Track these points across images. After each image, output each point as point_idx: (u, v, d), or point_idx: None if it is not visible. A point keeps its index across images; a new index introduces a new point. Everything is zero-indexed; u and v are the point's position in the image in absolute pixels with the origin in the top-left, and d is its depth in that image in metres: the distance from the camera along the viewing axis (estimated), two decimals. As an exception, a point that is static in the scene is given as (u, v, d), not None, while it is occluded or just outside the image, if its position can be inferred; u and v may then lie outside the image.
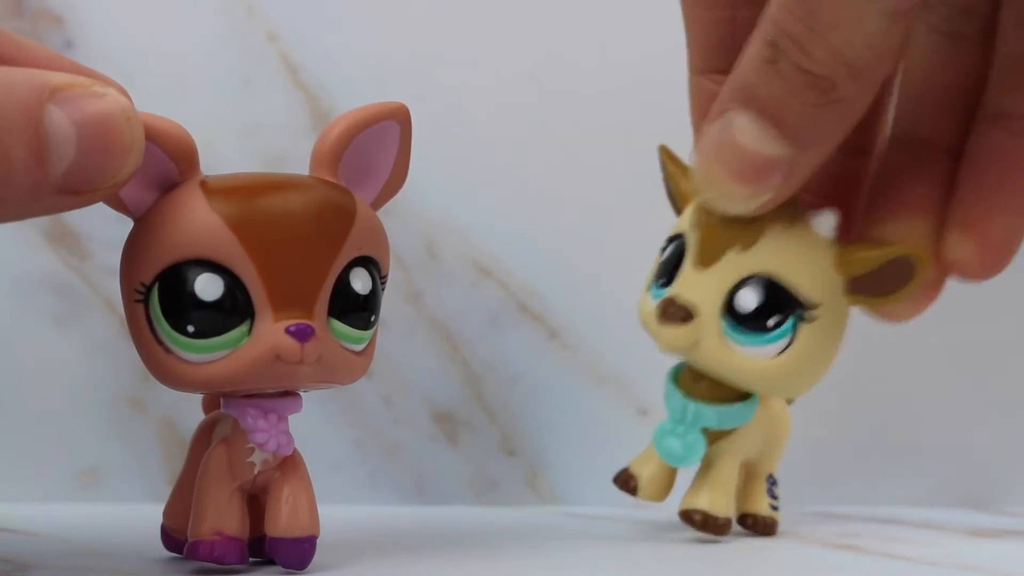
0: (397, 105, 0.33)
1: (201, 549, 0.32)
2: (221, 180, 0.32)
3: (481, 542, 0.39)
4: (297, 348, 0.31)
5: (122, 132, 0.28)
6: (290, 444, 0.33)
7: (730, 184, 0.34)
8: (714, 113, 0.34)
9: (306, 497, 0.33)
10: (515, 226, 0.48)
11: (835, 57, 0.31)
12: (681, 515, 0.38)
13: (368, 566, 0.34)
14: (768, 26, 0.32)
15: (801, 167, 0.33)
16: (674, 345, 0.36)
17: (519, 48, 0.48)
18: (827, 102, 0.32)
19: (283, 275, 0.31)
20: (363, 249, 0.32)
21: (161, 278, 0.31)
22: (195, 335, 0.31)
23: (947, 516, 0.46)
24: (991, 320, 0.49)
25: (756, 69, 0.32)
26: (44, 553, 0.36)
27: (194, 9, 0.47)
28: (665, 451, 0.38)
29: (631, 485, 0.39)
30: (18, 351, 0.47)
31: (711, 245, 0.35)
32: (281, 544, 0.32)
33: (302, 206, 0.31)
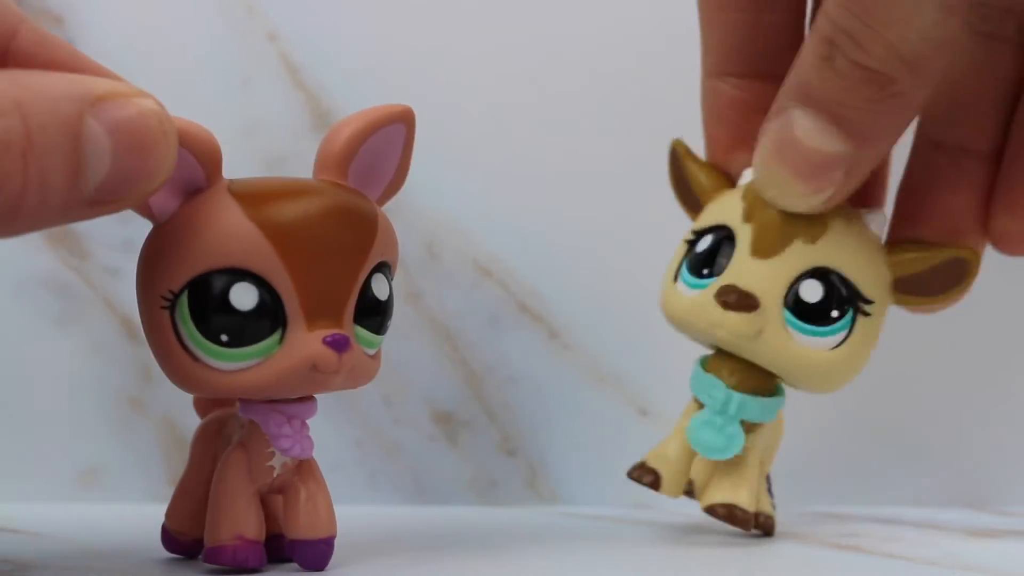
0: (404, 108, 0.33)
1: (223, 554, 0.32)
2: (249, 186, 0.31)
3: (481, 542, 0.39)
4: (335, 359, 0.31)
5: (157, 143, 0.28)
6: (311, 448, 0.33)
7: (792, 182, 0.34)
8: (774, 111, 0.34)
9: (323, 498, 0.33)
10: (515, 226, 0.48)
11: (891, 52, 0.31)
12: (719, 509, 0.37)
13: (368, 566, 0.34)
14: (824, 23, 0.32)
15: (862, 163, 0.33)
16: (738, 332, 0.35)
17: (519, 48, 0.48)
18: (885, 97, 0.32)
19: (317, 285, 0.31)
20: (384, 254, 0.32)
21: (192, 286, 0.31)
22: (228, 344, 0.31)
23: (947, 516, 0.46)
24: (991, 320, 0.49)
25: (813, 67, 0.33)
26: (44, 553, 0.36)
27: (194, 9, 0.47)
28: (703, 443, 0.37)
29: (650, 480, 0.38)
30: (18, 351, 0.47)
31: (774, 236, 0.35)
32: (301, 546, 0.33)
33: (333, 214, 0.31)
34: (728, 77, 0.38)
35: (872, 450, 0.49)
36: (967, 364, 0.49)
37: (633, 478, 0.38)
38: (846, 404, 0.47)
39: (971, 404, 0.49)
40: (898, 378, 0.49)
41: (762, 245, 0.35)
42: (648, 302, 0.40)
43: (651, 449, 0.39)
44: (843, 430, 0.48)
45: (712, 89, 0.39)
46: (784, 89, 0.34)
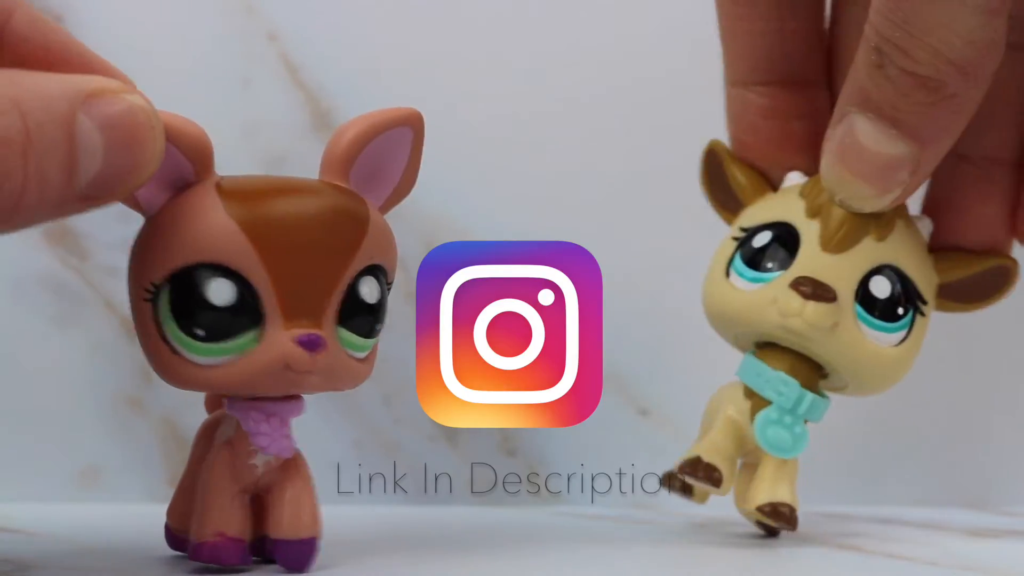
0: (411, 111, 0.33)
1: (204, 551, 0.32)
2: (237, 183, 0.31)
3: (481, 542, 0.39)
4: (307, 358, 0.31)
5: (145, 139, 0.28)
6: (291, 447, 0.33)
7: (859, 184, 0.35)
8: (835, 118, 0.35)
9: (308, 499, 0.33)
10: (515, 226, 0.48)
11: (938, 57, 0.32)
12: (767, 509, 0.36)
13: (368, 566, 0.34)
14: (870, 32, 0.33)
15: (925, 162, 0.34)
16: (818, 322, 0.35)
17: (519, 48, 0.48)
18: (939, 100, 0.33)
19: (296, 283, 0.31)
20: (374, 258, 0.32)
21: (172, 279, 0.31)
22: (204, 339, 0.31)
23: (947, 516, 0.46)
24: (991, 320, 0.49)
25: (867, 74, 0.33)
26: (44, 553, 0.36)
27: (194, 9, 0.47)
28: (773, 442, 0.37)
29: (714, 476, 0.36)
30: (18, 351, 0.47)
31: (846, 231, 0.36)
32: (283, 546, 0.32)
33: (318, 214, 0.31)
34: (754, 86, 0.38)
35: (872, 450, 0.49)
36: (967, 364, 0.49)
37: (692, 474, 0.37)
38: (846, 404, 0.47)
39: (971, 404, 0.49)
40: (898, 378, 0.49)
41: (834, 240, 0.36)
42: (648, 302, 0.40)
43: (696, 444, 0.37)
44: (843, 430, 0.48)
45: (738, 98, 0.39)
46: (843, 96, 0.35)
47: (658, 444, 0.47)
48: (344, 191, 0.32)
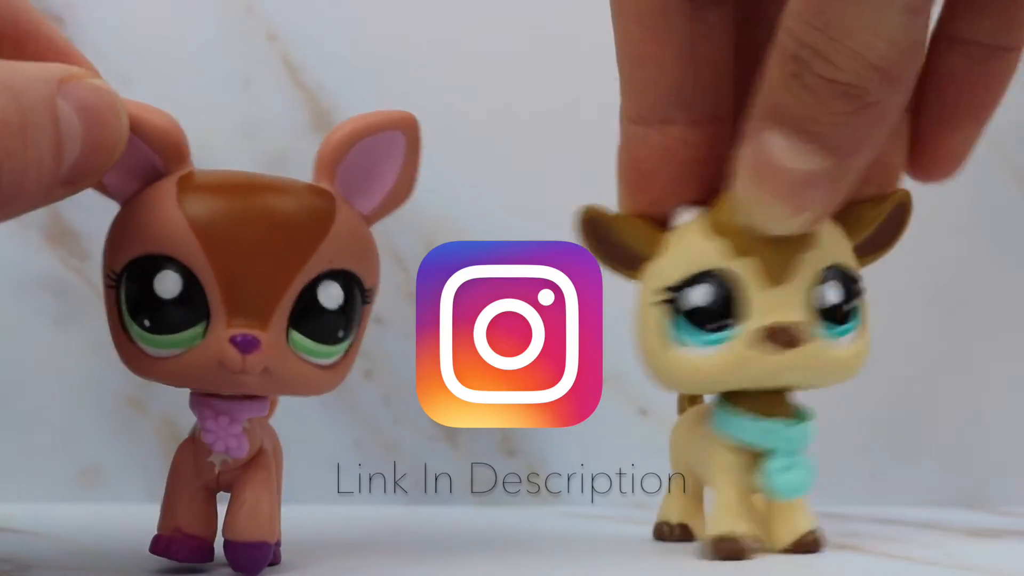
0: (404, 115, 0.32)
1: (158, 544, 0.32)
2: (202, 177, 0.31)
3: (481, 542, 0.39)
4: (239, 358, 0.30)
5: (112, 121, 0.29)
6: (242, 448, 0.32)
7: (775, 205, 0.33)
8: (747, 136, 0.33)
9: (266, 501, 0.32)
10: (515, 226, 0.48)
11: (859, 61, 0.30)
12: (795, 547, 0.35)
13: (368, 566, 0.34)
14: (787, 39, 0.31)
15: (844, 177, 0.32)
16: (810, 365, 0.34)
17: (520, 49, 0.48)
18: (860, 109, 0.31)
19: (241, 281, 0.30)
20: (336, 262, 0.31)
21: (128, 268, 0.31)
22: (151, 330, 0.31)
23: (947, 516, 0.46)
24: (991, 320, 0.49)
25: (782, 86, 0.31)
26: (44, 553, 0.36)
27: (194, 9, 0.47)
28: (791, 487, 0.35)
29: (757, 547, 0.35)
30: (18, 351, 0.47)
31: (781, 259, 0.34)
32: (234, 547, 0.32)
33: (270, 213, 0.31)
34: (658, 124, 0.35)
35: (872, 450, 0.49)
36: (967, 365, 0.49)
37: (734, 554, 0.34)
38: (846, 404, 0.47)
39: (971, 404, 0.49)
40: (898, 378, 0.49)
41: (776, 272, 0.34)
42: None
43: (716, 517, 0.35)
44: (843, 430, 0.48)
45: (637, 137, 0.35)
46: (754, 112, 0.32)
47: (658, 444, 0.47)
48: (313, 191, 0.32)
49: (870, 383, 0.48)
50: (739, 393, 0.35)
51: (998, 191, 0.49)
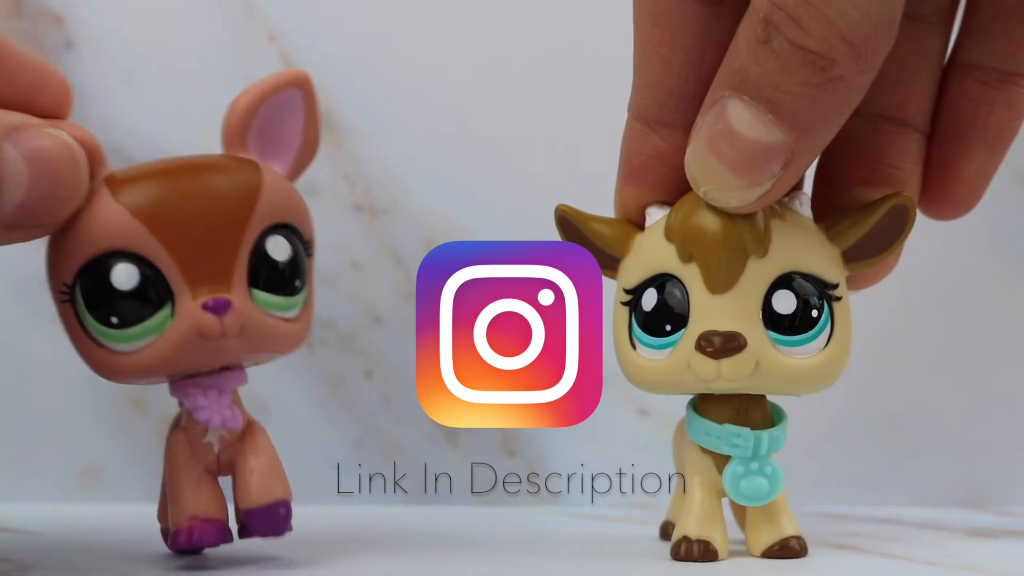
0: (297, 72, 0.34)
1: (180, 537, 0.33)
2: (126, 172, 0.32)
3: (481, 542, 0.39)
4: (216, 322, 0.31)
5: (69, 173, 0.30)
6: (236, 417, 0.33)
7: (728, 175, 0.32)
8: (707, 103, 0.32)
9: (270, 463, 0.33)
10: (515, 226, 0.48)
11: (831, 30, 0.30)
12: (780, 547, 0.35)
13: (368, 566, 0.34)
14: (760, 3, 0.31)
15: (801, 154, 0.32)
16: (739, 375, 0.34)
17: (520, 49, 0.48)
18: (824, 81, 0.31)
19: (194, 253, 0.31)
20: (276, 217, 0.33)
21: (80, 275, 0.31)
22: (119, 325, 0.31)
23: (947, 516, 0.46)
24: (991, 320, 0.49)
25: (749, 51, 0.31)
26: (44, 553, 0.36)
27: (194, 9, 0.47)
28: (750, 494, 0.35)
29: (711, 550, 0.35)
30: (18, 351, 0.47)
31: (726, 266, 0.33)
32: (255, 514, 0.33)
33: (203, 184, 0.32)
34: (658, 126, 0.35)
35: (872, 450, 0.49)
36: (967, 364, 0.49)
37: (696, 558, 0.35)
38: (846, 404, 0.47)
39: (971, 404, 0.49)
40: (898, 378, 0.49)
41: (719, 280, 0.34)
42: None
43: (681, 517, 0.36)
44: (843, 430, 0.48)
45: (638, 134, 0.35)
46: (718, 78, 0.32)
47: (658, 444, 0.47)
48: (233, 159, 0.33)
49: (870, 383, 0.48)
50: (705, 396, 0.35)
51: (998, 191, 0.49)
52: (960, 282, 0.49)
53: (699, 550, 0.35)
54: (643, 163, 0.35)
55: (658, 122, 0.35)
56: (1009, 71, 0.36)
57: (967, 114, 0.36)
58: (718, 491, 0.35)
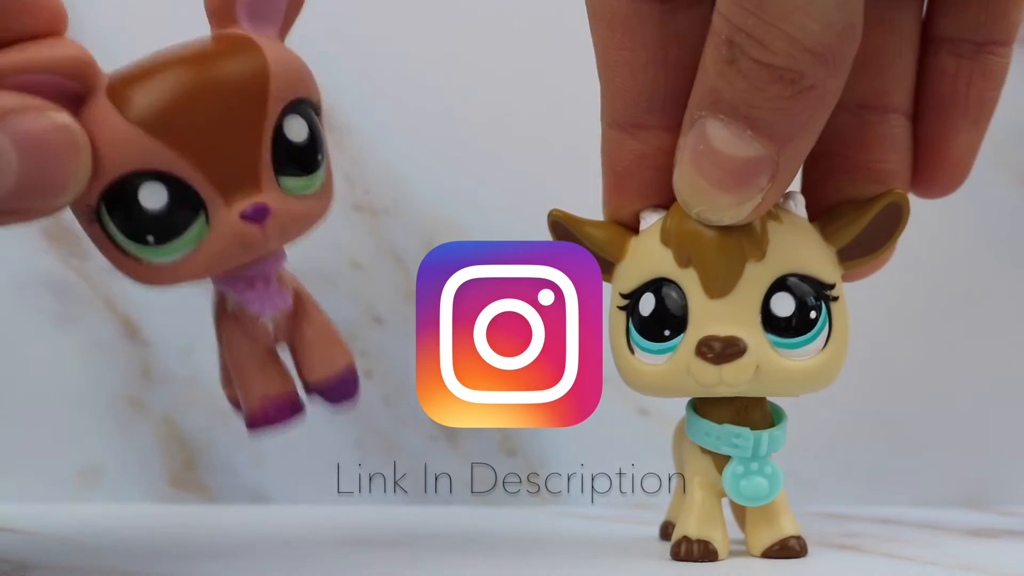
0: None
1: (257, 419, 0.33)
2: (124, 80, 0.31)
3: (481, 542, 0.39)
4: (258, 231, 0.31)
5: (66, 157, 0.29)
6: (286, 299, 0.33)
7: (717, 194, 0.32)
8: (686, 125, 0.32)
9: (329, 332, 0.34)
10: (515, 226, 0.48)
11: (794, 45, 0.30)
12: (780, 547, 0.35)
13: (368, 566, 0.34)
14: (720, 24, 0.31)
15: (786, 163, 0.32)
16: (740, 380, 0.34)
17: (520, 49, 0.48)
18: (797, 93, 0.30)
19: (219, 159, 0.31)
20: (287, 96, 0.32)
21: (104, 197, 0.31)
22: (156, 243, 0.31)
23: (947, 516, 0.46)
24: (991, 320, 0.49)
25: (717, 72, 0.31)
26: (44, 553, 0.36)
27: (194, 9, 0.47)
28: (751, 494, 0.35)
29: (711, 550, 0.35)
30: (18, 351, 0.47)
31: (724, 270, 0.34)
32: (323, 386, 0.33)
33: (212, 83, 0.31)
34: (633, 129, 0.35)
35: (872, 450, 0.49)
36: (967, 365, 0.49)
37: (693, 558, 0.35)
38: (846, 404, 0.47)
39: (971, 404, 0.49)
40: (898, 378, 0.49)
41: (717, 284, 0.33)
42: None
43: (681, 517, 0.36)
44: (843, 430, 0.48)
45: (614, 140, 0.35)
46: (692, 99, 0.32)
47: (658, 444, 0.47)
48: (231, 43, 0.32)
49: (870, 383, 0.48)
50: (705, 397, 0.35)
51: (998, 191, 0.49)
52: (960, 282, 0.49)
53: (699, 550, 0.35)
54: (626, 169, 0.35)
55: (633, 126, 0.35)
56: (983, 40, 0.35)
57: (945, 90, 0.35)
58: (718, 491, 0.35)
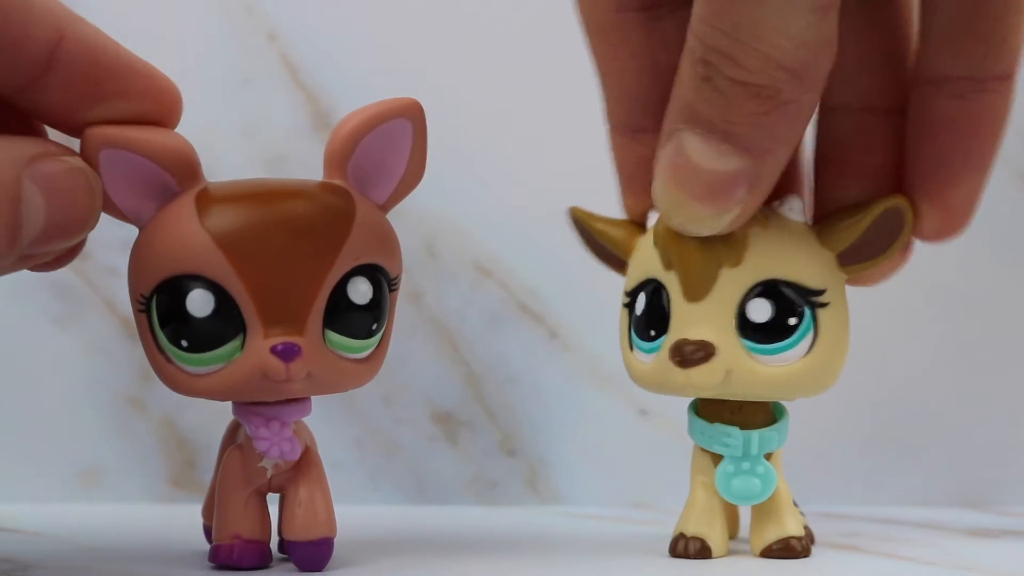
0: (409, 102, 0.32)
1: (220, 553, 0.33)
2: (218, 191, 0.31)
3: (481, 542, 0.39)
4: (282, 368, 0.30)
5: (83, 201, 0.29)
6: (295, 449, 0.32)
7: (695, 206, 0.32)
8: (664, 136, 0.32)
9: (321, 498, 0.33)
10: (515, 226, 0.48)
11: (768, 63, 0.30)
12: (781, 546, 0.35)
13: (368, 566, 0.34)
14: (695, 44, 0.31)
15: (763, 175, 0.32)
16: (708, 384, 0.34)
17: (520, 48, 0.48)
18: (772, 108, 0.31)
19: (273, 291, 0.30)
20: (362, 258, 0.31)
21: (157, 291, 0.31)
22: (188, 349, 0.31)
23: (947, 516, 0.46)
24: (991, 320, 0.49)
25: (694, 88, 0.31)
26: (44, 553, 0.36)
27: (194, 9, 0.47)
28: (740, 493, 0.35)
29: (706, 547, 0.35)
30: (18, 351, 0.47)
31: (700, 274, 0.34)
32: (297, 547, 0.32)
33: (292, 220, 0.31)
34: (636, 133, 0.35)
35: (872, 450, 0.49)
36: (967, 365, 0.49)
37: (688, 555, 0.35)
38: (846, 404, 0.47)
39: (971, 404, 0.49)
40: (898, 378, 0.49)
41: (693, 288, 0.34)
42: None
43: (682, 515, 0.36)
44: (843, 430, 0.48)
45: (621, 146, 0.36)
46: (670, 111, 0.32)
47: (658, 444, 0.47)
48: (329, 190, 0.32)
49: (870, 384, 0.48)
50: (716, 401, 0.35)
51: (998, 191, 0.49)
52: (960, 282, 0.49)
53: (694, 547, 0.35)
54: (632, 171, 0.36)
55: (634, 129, 0.35)
56: (984, 76, 0.33)
57: (946, 139, 0.34)
58: None
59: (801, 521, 0.36)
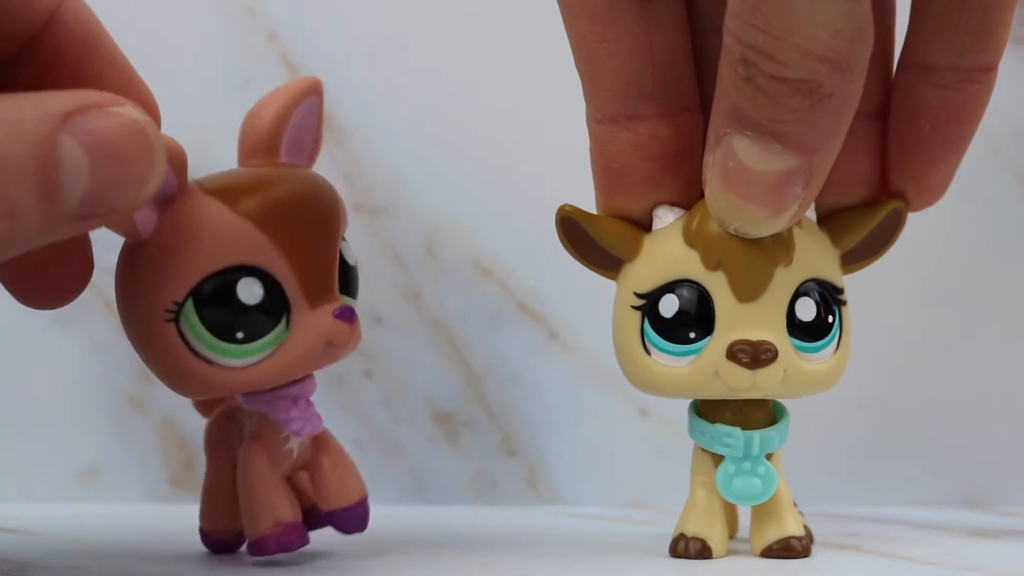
0: (314, 81, 0.34)
1: (268, 544, 0.33)
2: (221, 183, 0.31)
3: (481, 542, 0.39)
4: (347, 330, 0.32)
5: (140, 151, 0.27)
6: (321, 422, 0.34)
7: (752, 209, 0.32)
8: (711, 142, 0.32)
9: (346, 464, 0.34)
10: (515, 226, 0.48)
11: (807, 56, 0.30)
12: (782, 546, 0.35)
13: (368, 566, 0.34)
14: (731, 42, 0.31)
15: (817, 171, 0.32)
16: (771, 384, 0.34)
17: (520, 49, 0.48)
18: (816, 102, 0.30)
19: (311, 265, 0.32)
20: (344, 223, 0.33)
21: (196, 292, 0.31)
22: (244, 340, 0.31)
23: (947, 516, 0.46)
24: (991, 320, 0.49)
25: (737, 89, 0.31)
26: (44, 553, 0.36)
27: (194, 9, 0.47)
28: (743, 493, 0.35)
29: (706, 547, 0.35)
30: (18, 351, 0.47)
31: (757, 274, 0.33)
32: (338, 515, 0.34)
33: (313, 194, 0.32)
34: (625, 121, 0.34)
35: (872, 450, 0.49)
36: (967, 365, 0.49)
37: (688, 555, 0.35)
38: (846, 404, 0.47)
39: (971, 404, 0.49)
40: (897, 378, 0.49)
41: (748, 288, 0.33)
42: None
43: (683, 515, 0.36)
44: (843, 430, 0.48)
45: (606, 137, 0.35)
46: (715, 116, 0.32)
47: (658, 444, 0.47)
48: (304, 169, 0.34)
49: (870, 383, 0.48)
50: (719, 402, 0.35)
51: (998, 191, 0.49)
52: (960, 282, 0.49)
53: (694, 547, 0.35)
54: (623, 165, 0.35)
55: (626, 117, 0.34)
56: (968, 66, 0.34)
57: (926, 124, 0.35)
58: None
59: (801, 521, 0.36)
